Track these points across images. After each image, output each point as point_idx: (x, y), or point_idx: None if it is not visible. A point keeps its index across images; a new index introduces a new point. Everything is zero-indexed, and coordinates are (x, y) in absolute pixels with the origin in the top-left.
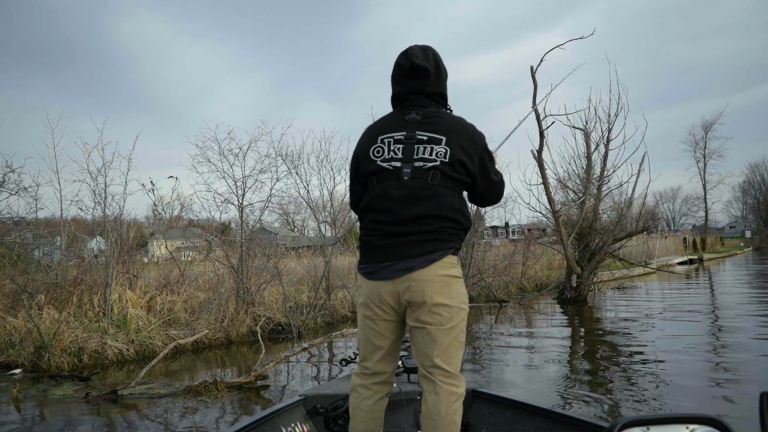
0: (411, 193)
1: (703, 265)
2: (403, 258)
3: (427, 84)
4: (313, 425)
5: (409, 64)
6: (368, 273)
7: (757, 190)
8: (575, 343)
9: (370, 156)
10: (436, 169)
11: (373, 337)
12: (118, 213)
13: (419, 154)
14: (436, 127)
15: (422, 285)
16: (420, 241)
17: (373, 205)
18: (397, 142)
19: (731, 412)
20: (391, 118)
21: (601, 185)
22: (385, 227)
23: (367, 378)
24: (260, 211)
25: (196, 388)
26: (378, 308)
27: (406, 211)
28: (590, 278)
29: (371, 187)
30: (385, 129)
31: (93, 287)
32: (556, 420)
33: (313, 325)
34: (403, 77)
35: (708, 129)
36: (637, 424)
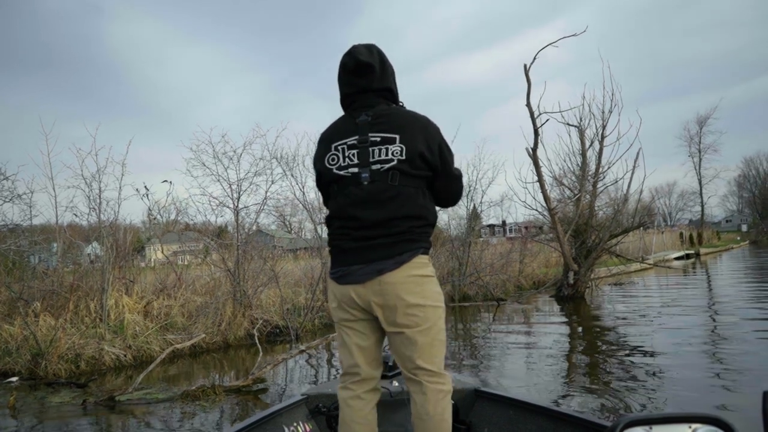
0: (373, 197)
1: (700, 259)
2: (373, 261)
3: (373, 80)
4: (315, 425)
5: (354, 62)
6: (339, 277)
7: (752, 183)
8: (574, 341)
9: (326, 165)
10: (395, 169)
11: (356, 338)
12: (114, 218)
13: (375, 157)
14: (388, 126)
15: (394, 287)
16: (389, 243)
17: (338, 213)
18: (351, 147)
19: (732, 409)
20: (342, 123)
21: (596, 182)
22: (353, 232)
23: (357, 386)
24: (256, 213)
25: (194, 393)
26: (353, 309)
27: (372, 216)
28: (587, 275)
29: (333, 195)
30: (336, 136)
31: (89, 293)
32: (559, 419)
33: (310, 327)
34: (349, 76)
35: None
36: (639, 423)
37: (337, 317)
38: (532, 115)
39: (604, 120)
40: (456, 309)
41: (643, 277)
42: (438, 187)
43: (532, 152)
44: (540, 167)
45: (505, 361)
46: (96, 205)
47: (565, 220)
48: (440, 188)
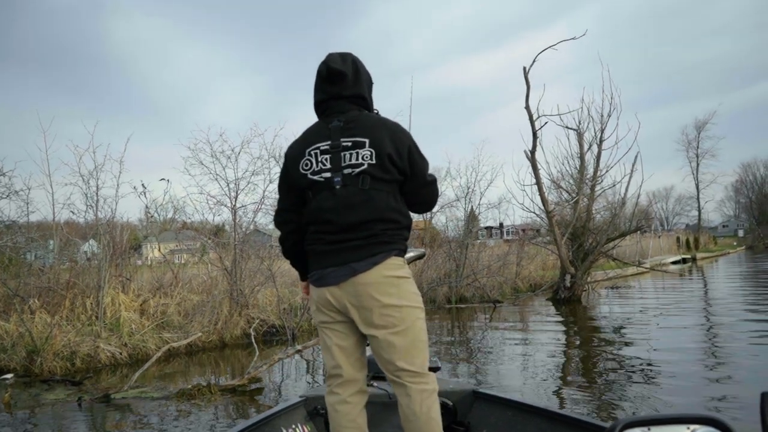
0: (345, 201)
1: (697, 264)
2: (347, 262)
3: (346, 87)
4: (313, 426)
5: (327, 70)
6: (316, 280)
7: (749, 189)
8: (570, 343)
9: (300, 170)
10: (365, 173)
11: (338, 339)
12: (111, 216)
13: (346, 161)
14: (358, 130)
15: (368, 288)
16: (362, 245)
17: (313, 219)
18: (324, 152)
19: (729, 410)
20: (316, 128)
21: (594, 185)
22: (327, 236)
23: (342, 390)
24: (254, 213)
25: (190, 392)
26: (330, 311)
27: (344, 220)
28: (584, 278)
29: (308, 200)
30: (310, 141)
31: (86, 291)
32: (557, 420)
33: (307, 326)
34: (322, 83)
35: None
36: (638, 424)
37: (317, 320)
38: (531, 117)
39: (602, 123)
40: (453, 311)
41: (639, 280)
42: (407, 190)
43: (531, 155)
44: (538, 170)
45: (501, 363)
46: (93, 202)
47: (562, 223)
48: (409, 192)
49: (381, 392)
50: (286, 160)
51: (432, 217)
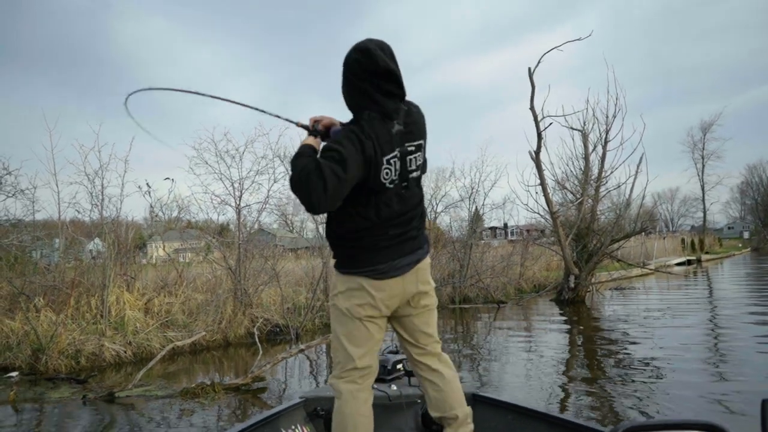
0: (409, 202)
1: (702, 266)
2: (410, 252)
3: (399, 85)
4: (313, 427)
5: (381, 68)
6: (380, 273)
7: (755, 191)
8: (573, 345)
9: (381, 179)
10: (419, 174)
11: (378, 333)
12: (116, 215)
13: (411, 167)
14: (417, 132)
15: (425, 273)
16: (416, 236)
17: (379, 220)
18: (395, 159)
19: (731, 416)
20: (385, 134)
21: (599, 186)
22: (392, 231)
23: (364, 380)
24: (258, 212)
25: (194, 390)
26: (384, 306)
27: (404, 218)
28: (588, 279)
29: (371, 199)
30: (385, 149)
31: (90, 289)
32: (557, 424)
33: (311, 326)
34: (373, 78)
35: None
36: (639, 429)
37: (360, 314)
38: (536, 118)
39: (607, 124)
40: (456, 311)
41: (643, 282)
42: None
43: (535, 155)
44: (543, 170)
45: (504, 364)
46: (98, 201)
47: (566, 223)
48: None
49: (381, 394)
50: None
51: (436, 217)
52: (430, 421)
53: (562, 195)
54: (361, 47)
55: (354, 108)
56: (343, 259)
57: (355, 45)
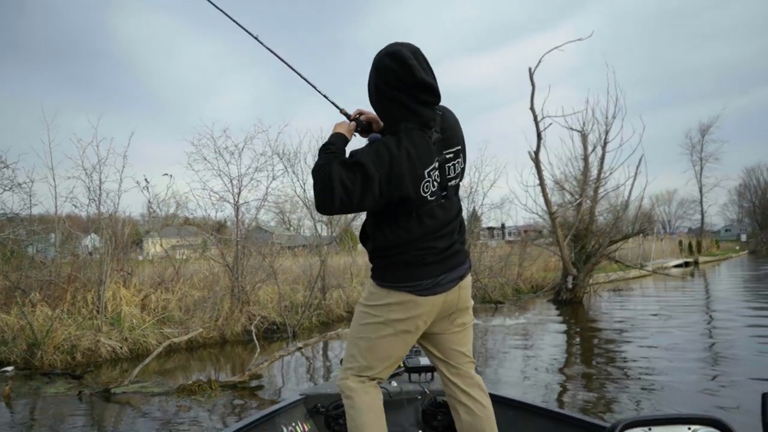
0: (449, 213)
1: (699, 267)
2: (455, 268)
3: (436, 95)
4: (313, 424)
5: (419, 81)
6: (424, 289)
7: (753, 193)
8: (571, 346)
9: (421, 193)
10: (458, 182)
11: (401, 351)
12: (113, 210)
13: (450, 174)
14: (454, 138)
15: (467, 291)
16: (460, 250)
17: (423, 233)
18: (435, 170)
19: (728, 410)
20: (422, 143)
21: (597, 187)
22: (437, 244)
23: (369, 381)
24: (256, 209)
25: (190, 387)
26: (422, 323)
27: (448, 228)
28: (586, 280)
29: (412, 213)
30: (425, 161)
31: (87, 285)
32: (558, 420)
33: (308, 324)
34: (410, 89)
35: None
36: (638, 424)
37: (396, 329)
38: (536, 118)
39: (607, 125)
40: None
41: (641, 283)
42: None
43: (535, 156)
44: (542, 171)
45: (502, 364)
46: (96, 196)
47: (565, 224)
48: None
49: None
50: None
51: None
52: (430, 417)
53: (560, 196)
54: (395, 54)
55: (388, 118)
56: (384, 272)
57: (386, 50)
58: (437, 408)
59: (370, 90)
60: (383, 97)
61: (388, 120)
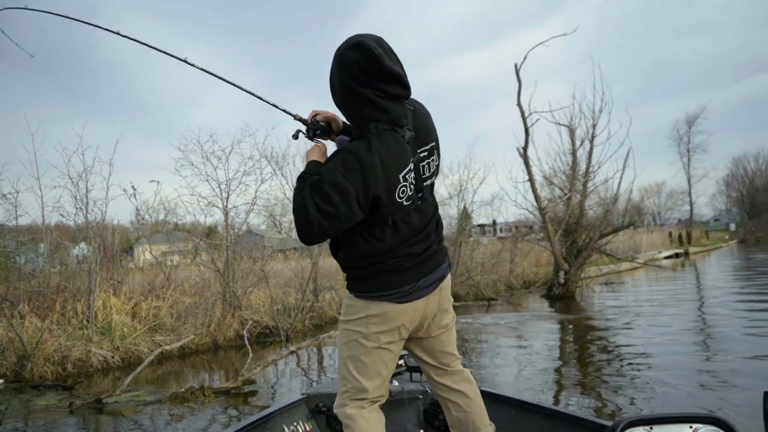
0: (425, 215)
1: (689, 258)
2: (433, 270)
3: (405, 86)
4: (315, 424)
5: (386, 71)
6: (400, 297)
7: (740, 183)
8: (565, 340)
9: (396, 199)
10: (433, 180)
11: (390, 363)
12: (101, 218)
13: (425, 174)
14: (427, 136)
15: (447, 291)
16: (437, 250)
17: (398, 240)
18: (410, 172)
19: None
20: (398, 147)
21: (586, 181)
22: (414, 250)
23: (367, 404)
24: (246, 213)
25: (183, 395)
26: (405, 330)
27: (424, 233)
28: (578, 274)
29: (387, 220)
30: (400, 164)
31: (76, 294)
32: (560, 419)
33: (301, 327)
34: (378, 82)
35: (692, 124)
36: (640, 423)
37: (382, 341)
38: (523, 114)
39: (594, 120)
40: None
41: (632, 276)
42: None
43: (523, 151)
44: (531, 166)
45: (496, 360)
46: (83, 205)
47: (555, 219)
48: None
49: None
50: (372, 185)
51: None
52: (432, 417)
53: (550, 191)
54: (358, 45)
55: (356, 118)
56: (360, 283)
57: (348, 42)
58: (439, 407)
59: (333, 88)
60: (349, 94)
61: (355, 120)
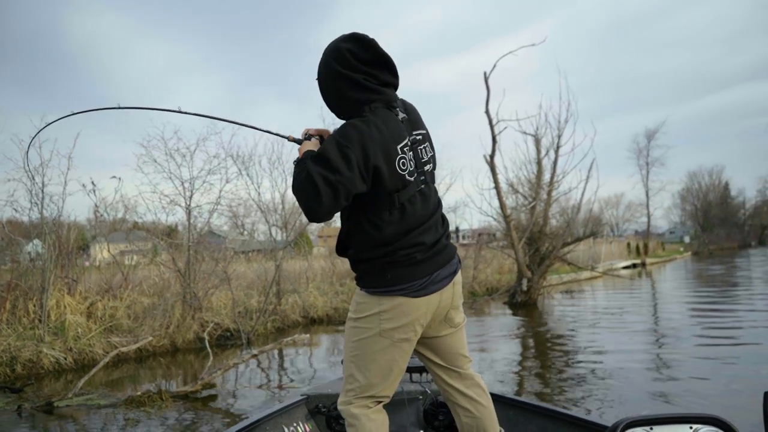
0: (432, 202)
1: (646, 269)
2: (446, 263)
3: (395, 73)
4: (315, 425)
5: (377, 53)
6: (414, 290)
7: (694, 197)
8: (526, 346)
9: (398, 170)
10: (432, 168)
11: (401, 361)
12: (57, 214)
13: (423, 158)
14: (419, 122)
15: (459, 287)
16: (448, 244)
17: (409, 226)
18: (407, 147)
19: (671, 405)
20: (390, 120)
21: (551, 190)
22: (425, 239)
23: (372, 404)
24: (209, 213)
25: (139, 399)
26: (419, 326)
27: (431, 221)
28: (540, 282)
29: (393, 199)
30: (397, 136)
31: (28, 293)
32: (559, 419)
33: (263, 330)
34: (373, 68)
35: (651, 137)
36: (640, 423)
37: (393, 338)
38: (491, 122)
39: (560, 130)
40: None
41: (592, 285)
42: None
43: (490, 159)
44: (497, 174)
45: None
46: (38, 200)
47: (519, 227)
48: None
49: None
50: (371, 156)
51: None
52: (432, 417)
53: (514, 199)
54: (352, 36)
55: (349, 105)
56: (372, 277)
57: (340, 38)
58: (438, 408)
59: (325, 81)
60: (341, 81)
61: (350, 107)
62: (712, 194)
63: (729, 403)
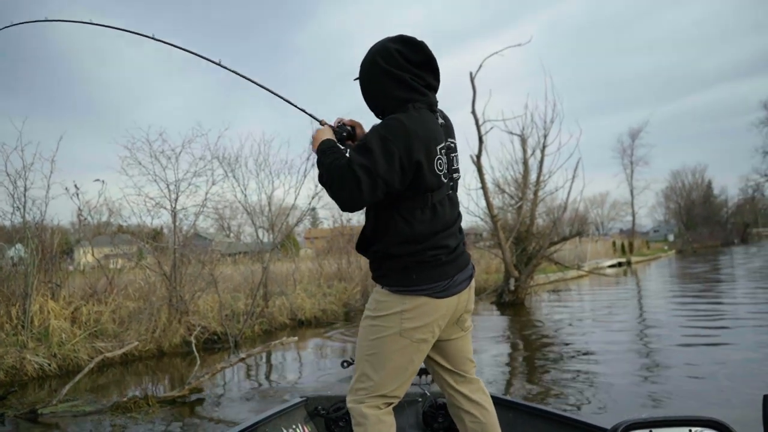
0: (454, 208)
1: (632, 267)
2: (465, 266)
3: (438, 79)
4: (314, 427)
5: (427, 56)
6: (438, 291)
7: (678, 195)
8: (515, 346)
9: (435, 170)
10: (459, 177)
11: (417, 362)
12: (40, 218)
13: (455, 165)
14: (452, 132)
15: (473, 292)
16: (464, 250)
17: (437, 227)
18: (444, 151)
19: (659, 403)
20: (431, 122)
21: (537, 190)
22: (450, 243)
23: (383, 405)
24: (195, 216)
25: (125, 404)
26: (437, 328)
27: (455, 227)
28: (528, 281)
29: (426, 198)
30: (437, 137)
31: (11, 298)
32: (558, 422)
33: (250, 333)
34: (419, 70)
35: (635, 137)
36: (640, 426)
37: (413, 338)
38: (477, 122)
39: (546, 130)
40: None
41: (578, 283)
42: None
43: (477, 159)
44: (484, 174)
45: None
46: (21, 203)
47: (506, 227)
48: None
49: None
50: (414, 151)
51: None
52: (431, 419)
53: (501, 199)
54: (401, 38)
55: (393, 103)
56: (397, 276)
57: (389, 38)
58: (438, 410)
59: (369, 79)
60: (389, 79)
61: (393, 106)
62: (695, 193)
63: (721, 401)
